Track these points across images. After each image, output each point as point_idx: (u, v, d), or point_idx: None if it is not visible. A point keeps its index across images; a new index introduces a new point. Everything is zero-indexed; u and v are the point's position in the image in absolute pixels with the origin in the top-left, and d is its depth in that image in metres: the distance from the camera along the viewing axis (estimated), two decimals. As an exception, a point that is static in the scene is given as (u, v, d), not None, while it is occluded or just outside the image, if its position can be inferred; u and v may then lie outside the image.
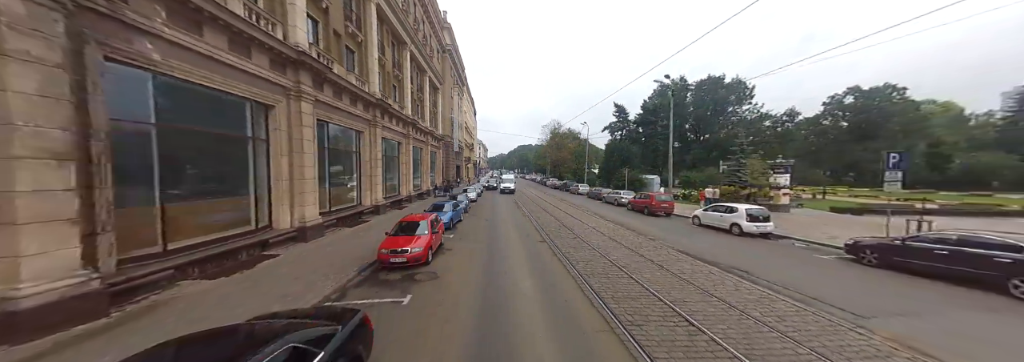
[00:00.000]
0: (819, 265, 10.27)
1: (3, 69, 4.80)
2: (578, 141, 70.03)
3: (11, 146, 4.89)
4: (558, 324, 5.94)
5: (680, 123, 60.03)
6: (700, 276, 8.62)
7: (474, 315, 6.29)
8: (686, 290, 7.57)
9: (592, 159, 63.94)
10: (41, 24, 5.17)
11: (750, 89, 55.47)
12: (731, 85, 56.08)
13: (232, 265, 8.79)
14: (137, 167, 7.15)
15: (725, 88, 55.76)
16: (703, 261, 10.15)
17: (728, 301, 6.87)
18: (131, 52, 6.62)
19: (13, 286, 4.89)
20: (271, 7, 11.46)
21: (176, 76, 7.59)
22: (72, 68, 5.59)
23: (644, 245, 12.29)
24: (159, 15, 7.12)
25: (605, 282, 8.07)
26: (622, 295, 7.21)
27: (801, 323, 5.95)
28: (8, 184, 4.89)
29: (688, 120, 59.81)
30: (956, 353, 5.01)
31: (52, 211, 5.27)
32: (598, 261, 9.96)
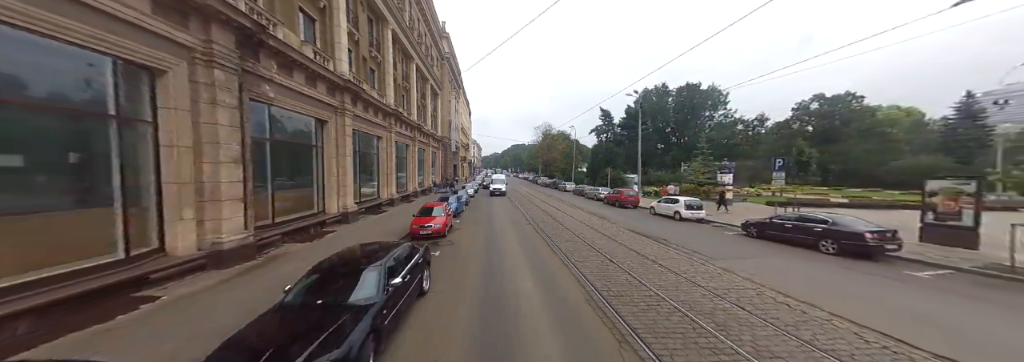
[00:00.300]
0: (718, 237, 14.20)
1: (216, 112, 8.26)
2: (567, 142, 73.74)
3: (219, 155, 8.35)
4: (534, 265, 9.50)
5: (662, 126, 64.15)
6: (634, 243, 12.31)
7: (482, 262, 9.81)
8: (620, 249, 11.23)
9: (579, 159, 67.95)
10: (230, 83, 8.62)
11: (724, 95, 59.64)
12: (707, 92, 60.17)
13: (306, 237, 12.24)
14: (259, 167, 10.63)
15: (701, 95, 59.84)
16: (641, 235, 13.98)
17: (642, 254, 10.55)
18: (260, 93, 10.09)
19: (219, 237, 8.35)
20: (324, 46, 14.90)
21: (280, 106, 11.07)
22: (239, 107, 9.05)
23: (605, 226, 16.02)
24: (272, 67, 10.59)
25: (569, 246, 11.68)
26: (578, 252, 10.81)
27: (678, 262, 9.64)
28: (217, 177, 8.34)
29: (669, 123, 63.87)
30: (755, 275, 8.71)
31: (234, 193, 8.74)
32: (568, 235, 13.63)
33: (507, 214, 20.85)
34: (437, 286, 7.61)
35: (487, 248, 11.50)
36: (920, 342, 5.31)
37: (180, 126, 7.62)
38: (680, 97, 63.55)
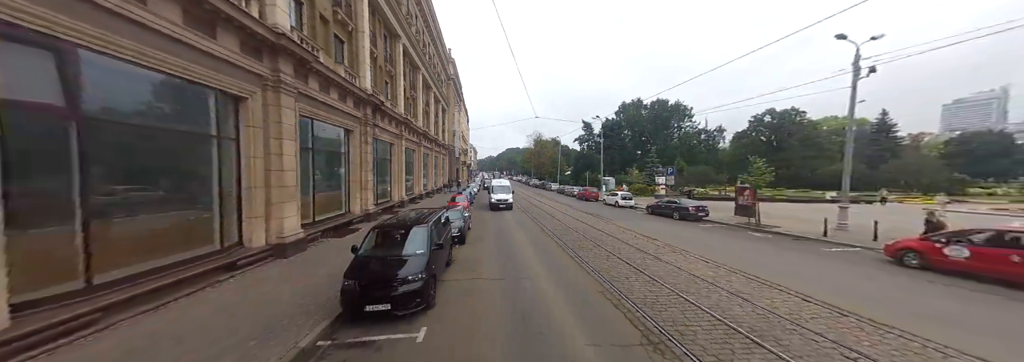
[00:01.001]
0: (632, 215, 21.42)
1: (281, 129, 8.88)
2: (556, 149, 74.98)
3: (282, 164, 8.94)
4: (524, 227, 12.05)
5: (638, 135, 65.89)
6: (581, 217, 19.46)
7: (494, 229, 12.59)
8: (570, 220, 17.17)
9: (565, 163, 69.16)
10: (289, 104, 9.25)
11: (689, 110, 61.70)
12: (674, 107, 62.13)
13: (338, 233, 12.76)
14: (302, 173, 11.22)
15: (669, 109, 61.74)
16: (587, 213, 21.72)
17: (581, 220, 16.11)
18: (308, 110, 10.72)
19: (281, 233, 8.96)
20: (351, 65, 15.43)
21: (320, 120, 11.71)
22: (295, 124, 9.66)
23: (569, 210, 23.75)
24: (316, 87, 11.22)
25: (543, 218, 17.09)
26: (546, 220, 17.39)
27: (598, 222, 16.21)
28: (281, 183, 8.91)
29: (644, 133, 65.58)
30: (632, 227, 13.99)
31: (291, 197, 9.35)
32: (544, 214, 20.53)
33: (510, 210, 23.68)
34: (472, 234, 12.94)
35: (497, 222, 16.68)
36: (687, 246, 11.47)
37: (255, 141, 8.31)
38: (652, 110, 65.37)
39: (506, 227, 15.39)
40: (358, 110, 15.22)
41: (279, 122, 8.75)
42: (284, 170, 8.91)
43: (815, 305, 6.21)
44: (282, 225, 8.82)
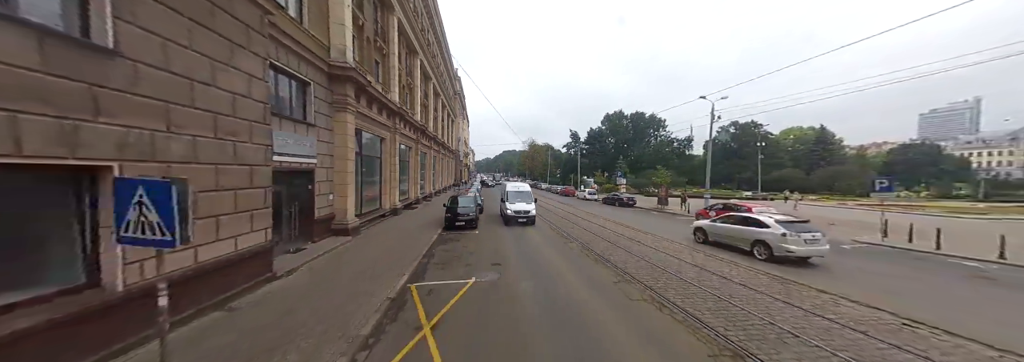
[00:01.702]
0: (592, 204, 27.62)
1: (347, 140, 10.56)
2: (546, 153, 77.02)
3: (346, 167, 10.62)
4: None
5: (620, 142, 68.09)
6: (558, 204, 25.36)
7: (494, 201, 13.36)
8: (549, 205, 20.00)
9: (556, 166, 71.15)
10: (351, 120, 10.94)
11: (663, 121, 64.15)
12: (650, 118, 64.49)
13: (375, 223, 14.49)
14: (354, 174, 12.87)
15: (646, 121, 64.08)
16: (563, 203, 27.22)
17: (557, 207, 16.40)
18: (359, 124, 12.40)
19: (345, 218, 10.64)
20: (384, 81, 17.12)
21: (365, 130, 13.39)
22: (357, 135, 11.34)
23: (551, 201, 30.45)
24: (363, 104, 12.88)
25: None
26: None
27: (569, 208, 18.17)
28: (345, 181, 10.60)
29: (625, 140, 67.80)
30: (589, 211, 17.65)
31: (352, 191, 11.04)
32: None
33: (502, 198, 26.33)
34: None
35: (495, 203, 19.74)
36: (610, 216, 18.81)
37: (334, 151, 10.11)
38: (632, 121, 67.63)
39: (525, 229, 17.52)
40: (389, 120, 16.76)
41: (344, 134, 10.36)
42: (347, 171, 10.53)
43: (643, 233, 12.71)
44: (346, 212, 10.60)
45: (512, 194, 16.19)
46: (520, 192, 16.43)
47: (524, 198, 15.86)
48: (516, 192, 16.41)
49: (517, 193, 16.30)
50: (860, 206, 27.94)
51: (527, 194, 16.35)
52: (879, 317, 5.38)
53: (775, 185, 46.49)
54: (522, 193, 16.36)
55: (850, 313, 5.52)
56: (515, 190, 16.66)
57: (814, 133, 63.57)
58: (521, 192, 16.45)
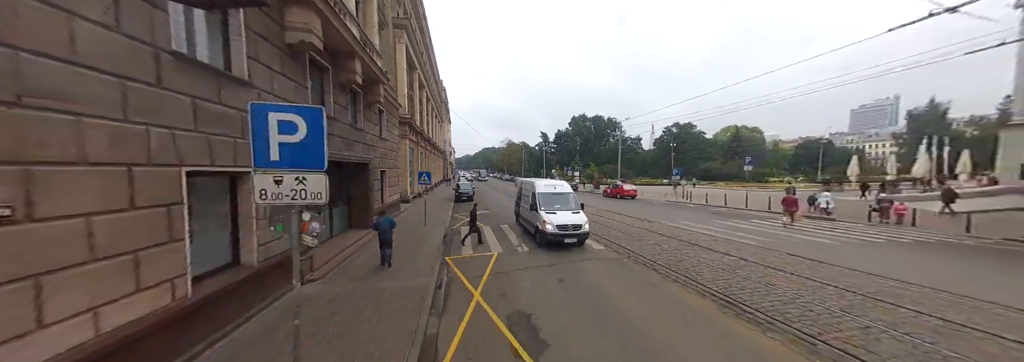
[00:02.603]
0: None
1: (401, 156, 20.00)
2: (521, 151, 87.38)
3: (400, 166, 20.09)
4: (498, 190, 22.39)
5: (583, 140, 79.36)
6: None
7: (492, 194, 22.58)
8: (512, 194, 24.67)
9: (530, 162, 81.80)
10: (405, 145, 20.34)
11: (618, 124, 75.97)
12: (608, 121, 76.20)
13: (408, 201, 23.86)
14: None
15: (605, 123, 75.74)
16: None
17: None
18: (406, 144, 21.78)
19: (408, 194, 20.11)
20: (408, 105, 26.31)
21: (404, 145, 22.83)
22: (406, 151, 20.72)
23: (512, 190, 30.24)
24: (406, 132, 22.29)
25: (509, 191, 24.81)
26: (510, 191, 23.94)
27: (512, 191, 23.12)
28: (401, 176, 20.06)
29: (587, 140, 79.20)
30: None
31: (405, 182, 20.53)
32: (508, 190, 27.03)
33: (485, 188, 34.34)
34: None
35: (489, 193, 24.65)
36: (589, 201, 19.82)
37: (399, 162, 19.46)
38: (594, 123, 79.12)
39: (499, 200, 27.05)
40: (401, 128, 25.97)
41: (405, 150, 19.96)
42: (406, 170, 20.15)
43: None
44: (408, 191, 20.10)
45: (545, 197, 10.25)
46: (558, 195, 10.46)
47: (566, 204, 10.20)
48: (552, 195, 10.41)
49: (553, 196, 10.39)
50: (730, 188, 40.12)
51: (568, 197, 10.49)
52: (624, 219, 15.74)
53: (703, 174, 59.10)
54: (561, 195, 10.46)
55: (615, 216, 15.91)
56: (549, 191, 10.55)
57: (733, 131, 77.51)
58: (560, 194, 10.49)
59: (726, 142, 76.62)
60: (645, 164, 73.30)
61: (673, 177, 30.48)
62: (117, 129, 3.11)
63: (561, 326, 4.68)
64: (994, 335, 4.35)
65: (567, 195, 10.82)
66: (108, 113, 3.04)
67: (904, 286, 6.28)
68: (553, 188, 10.97)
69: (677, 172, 30.34)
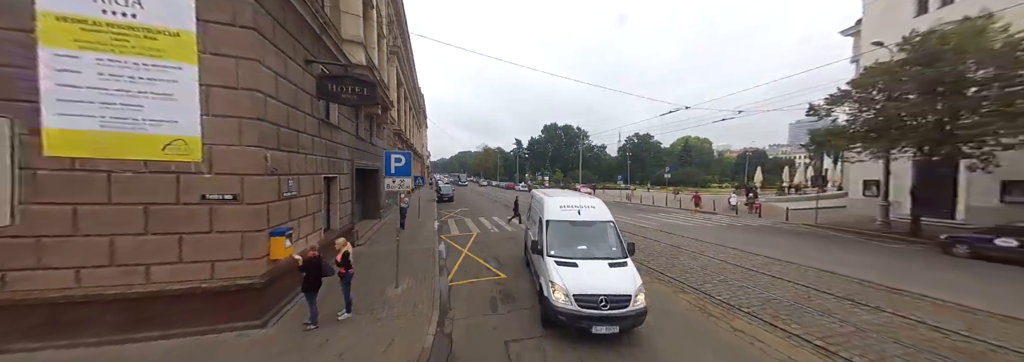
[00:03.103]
0: (520, 192, 34.68)
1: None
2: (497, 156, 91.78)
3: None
4: (478, 194, 26.52)
5: (555, 147, 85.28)
6: (499, 194, 30.49)
7: (470, 196, 26.59)
8: (494, 194, 29.03)
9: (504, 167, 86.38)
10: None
11: (586, 133, 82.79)
12: (578, 130, 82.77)
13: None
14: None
15: (574, 132, 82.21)
16: (503, 192, 35.88)
17: (498, 194, 28.32)
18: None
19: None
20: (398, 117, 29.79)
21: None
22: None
23: (496, 191, 36.61)
24: (396, 142, 25.82)
25: (487, 194, 28.95)
26: (488, 194, 28.14)
27: (499, 194, 27.55)
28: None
29: (558, 147, 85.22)
30: (508, 194, 27.10)
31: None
32: (488, 193, 31.26)
33: (465, 191, 38.17)
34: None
35: (468, 194, 28.35)
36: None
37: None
38: (564, 131, 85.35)
39: (476, 201, 31.02)
40: (393, 138, 29.52)
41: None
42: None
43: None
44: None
45: (559, 229, 5.89)
46: (584, 225, 6.01)
47: (600, 243, 5.75)
48: (572, 225, 5.98)
49: (575, 228, 5.97)
50: (668, 191, 46.86)
51: (605, 230, 5.98)
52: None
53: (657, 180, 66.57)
54: (590, 227, 6.00)
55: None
56: (568, 218, 6.07)
57: (682, 142, 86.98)
58: (587, 225, 6.02)
59: (679, 152, 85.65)
60: (610, 169, 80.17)
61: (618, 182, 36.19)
62: (306, 157, 7.00)
63: (517, 261, 9.08)
64: (762, 272, 9.09)
65: (603, 227, 5.78)
66: (312, 151, 6.95)
67: (724, 248, 11.12)
68: (575, 211, 5.95)
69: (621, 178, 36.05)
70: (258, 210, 5.10)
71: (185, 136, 4.68)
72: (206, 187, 4.81)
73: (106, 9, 4.37)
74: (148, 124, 4.55)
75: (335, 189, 9.05)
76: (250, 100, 4.95)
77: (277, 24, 5.58)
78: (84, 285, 4.48)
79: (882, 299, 6.36)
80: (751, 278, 7.72)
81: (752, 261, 9.23)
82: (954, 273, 8.20)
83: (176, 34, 4.59)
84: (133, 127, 4.52)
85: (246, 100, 4.93)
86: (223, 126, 4.83)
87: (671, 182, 65.21)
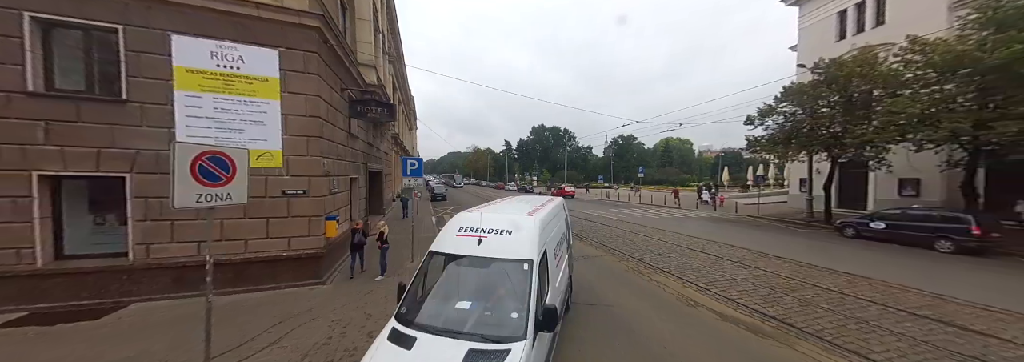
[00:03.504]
0: (510, 192, 37.43)
1: (394, 165, 25.49)
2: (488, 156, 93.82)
3: (392, 175, 25.57)
4: (471, 194, 28.71)
5: (543, 148, 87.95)
6: (490, 193, 32.61)
7: (463, 196, 28.65)
8: (485, 194, 31.24)
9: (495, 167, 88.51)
10: (395, 157, 25.87)
11: (572, 134, 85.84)
12: (565, 131, 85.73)
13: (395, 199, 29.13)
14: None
15: (561, 133, 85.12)
16: (493, 191, 38.40)
17: (488, 194, 30.56)
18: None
19: (393, 193, 25.53)
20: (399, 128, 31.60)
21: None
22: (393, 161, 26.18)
23: (488, 191, 37.54)
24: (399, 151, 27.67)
25: (479, 193, 31.11)
26: (481, 193, 30.35)
27: (491, 193, 29.82)
28: (393, 178, 25.51)
29: (546, 148, 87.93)
30: (498, 193, 29.55)
31: (394, 182, 25.97)
32: (479, 192, 33.23)
33: (458, 192, 40.10)
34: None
35: (465, 194, 30.45)
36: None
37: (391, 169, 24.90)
38: (552, 132, 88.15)
39: (468, 200, 33.01)
40: (390, 142, 31.35)
41: (395, 162, 25.39)
42: (395, 175, 25.56)
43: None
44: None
45: (453, 271, 3.30)
46: (490, 264, 3.12)
47: (499, 308, 2.93)
48: (476, 263, 3.18)
49: (477, 270, 3.23)
50: (649, 190, 50.05)
51: (511, 271, 3.02)
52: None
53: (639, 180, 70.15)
54: (496, 269, 3.10)
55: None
56: (468, 252, 3.18)
57: (663, 143, 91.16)
58: (494, 264, 3.10)
59: (661, 152, 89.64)
60: (596, 170, 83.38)
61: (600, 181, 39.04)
62: (339, 162, 9.07)
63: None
64: (690, 248, 11.55)
65: (507, 269, 3.12)
66: (343, 157, 9.02)
67: (668, 232, 13.65)
68: (475, 239, 3.27)
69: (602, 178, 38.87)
70: (318, 201, 7.19)
71: (271, 150, 6.73)
72: (285, 185, 6.87)
73: (219, 64, 6.39)
74: (247, 141, 6.58)
75: (355, 187, 11.08)
76: (313, 124, 7.04)
77: (328, 67, 7.66)
78: (202, 253, 6.47)
79: (763, 262, 8.88)
80: (679, 251, 10.20)
81: (686, 241, 11.76)
82: (828, 244, 10.91)
83: (266, 80, 6.64)
84: (236, 144, 6.53)
85: (311, 124, 7.01)
86: (296, 142, 6.90)
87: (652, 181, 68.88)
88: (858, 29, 18.05)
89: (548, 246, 3.55)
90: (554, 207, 4.94)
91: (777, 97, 15.07)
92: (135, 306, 5.99)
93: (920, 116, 10.05)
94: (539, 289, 2.85)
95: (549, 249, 3.58)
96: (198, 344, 3.88)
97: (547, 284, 3.24)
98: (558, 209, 5.19)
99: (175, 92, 6.20)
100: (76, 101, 5.88)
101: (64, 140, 5.80)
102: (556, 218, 4.60)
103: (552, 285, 3.43)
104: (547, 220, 3.96)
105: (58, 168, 5.81)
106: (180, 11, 6.11)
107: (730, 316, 5.64)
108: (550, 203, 5.12)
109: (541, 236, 3.32)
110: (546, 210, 4.35)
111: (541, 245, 3.24)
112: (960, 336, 4.96)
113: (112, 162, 6.01)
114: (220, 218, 6.51)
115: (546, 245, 3.45)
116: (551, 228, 4.08)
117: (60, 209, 6.10)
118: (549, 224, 4.02)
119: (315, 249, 7.03)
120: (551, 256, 3.64)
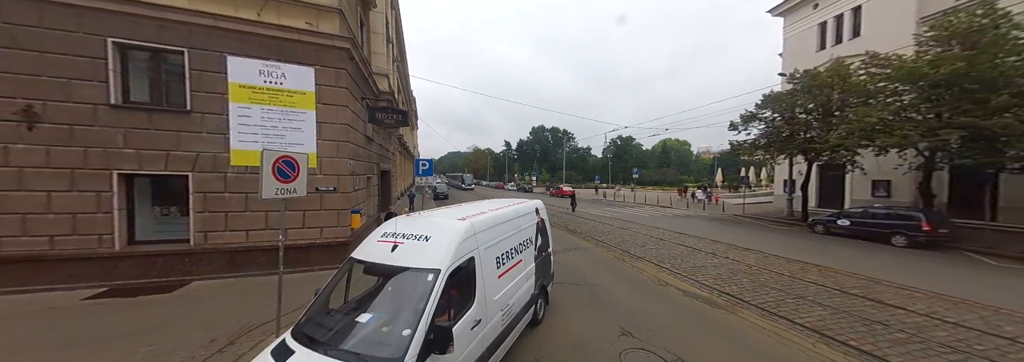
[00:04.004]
0: (512, 193, 38.16)
1: (403, 166, 26.72)
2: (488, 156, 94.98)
3: (399, 174, 26.78)
4: (474, 194, 29.93)
5: (543, 149, 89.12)
6: (491, 192, 33.91)
7: (465, 196, 29.81)
8: (487, 193, 32.34)
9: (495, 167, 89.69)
10: (404, 160, 27.07)
11: (571, 135, 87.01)
12: (564, 132, 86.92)
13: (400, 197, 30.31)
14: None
15: (559, 134, 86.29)
16: (493, 191, 39.68)
17: (490, 193, 31.78)
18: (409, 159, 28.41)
19: (400, 189, 26.75)
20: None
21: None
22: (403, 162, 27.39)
23: (489, 191, 39.19)
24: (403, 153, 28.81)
25: (481, 192, 32.44)
26: (482, 192, 31.59)
27: (491, 193, 31.00)
28: (402, 177, 26.72)
29: (545, 148, 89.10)
30: (506, 194, 30.84)
31: (399, 180, 27.19)
32: (474, 195, 34.46)
33: (460, 192, 41.26)
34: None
35: (458, 194, 31.56)
36: (513, 196, 28.59)
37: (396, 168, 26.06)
38: (552, 133, 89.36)
39: (470, 200, 34.13)
40: (401, 149, 32.51)
41: (402, 163, 26.55)
42: (401, 173, 26.74)
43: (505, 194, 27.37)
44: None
45: (363, 281, 3.34)
46: (395, 274, 2.85)
47: (393, 325, 2.56)
48: (381, 272, 3.00)
49: (381, 282, 3.13)
50: (645, 190, 51.28)
51: (415, 282, 2.68)
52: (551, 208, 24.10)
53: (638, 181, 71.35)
54: (401, 280, 2.82)
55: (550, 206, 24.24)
56: (379, 260, 2.93)
57: (661, 144, 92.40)
58: (401, 274, 2.81)
59: (659, 153, 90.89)
60: (594, 170, 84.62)
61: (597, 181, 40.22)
62: (360, 163, 10.24)
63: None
64: (671, 241, 12.74)
65: (412, 279, 2.74)
66: (363, 159, 10.19)
67: (656, 229, 14.83)
68: (390, 245, 2.98)
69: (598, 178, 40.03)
70: (346, 197, 8.35)
71: (308, 152, 7.87)
72: (319, 183, 8.02)
73: (266, 80, 7.54)
74: (288, 145, 7.73)
75: (371, 185, 12.23)
76: (343, 130, 8.20)
77: (353, 80, 8.82)
78: (250, 240, 7.63)
79: (734, 253, 10.05)
80: (662, 244, 11.38)
81: (670, 236, 12.95)
82: (797, 240, 12.09)
83: (304, 93, 7.80)
84: (279, 148, 7.69)
85: (341, 130, 8.17)
86: (328, 146, 8.05)
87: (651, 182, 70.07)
88: (837, 40, 19.22)
89: (481, 254, 3.12)
90: (512, 210, 4.36)
91: (758, 104, 16.24)
92: (196, 283, 7.14)
93: (878, 124, 11.21)
94: (441, 304, 2.46)
95: (483, 257, 3.15)
96: (257, 311, 5.10)
97: (471, 299, 2.86)
98: (522, 212, 4.60)
99: (230, 104, 7.34)
100: (149, 111, 7.02)
101: (139, 144, 6.94)
102: (510, 223, 4.03)
103: (486, 300, 3.01)
104: (489, 224, 3.48)
105: (134, 167, 6.96)
106: (235, 36, 7.27)
107: (693, 293, 6.81)
108: (511, 206, 4.57)
109: (464, 243, 2.91)
110: (495, 213, 3.85)
111: (460, 253, 2.82)
112: (875, 308, 6.13)
113: (178, 163, 7.16)
114: (265, 210, 7.66)
115: (476, 253, 3.05)
116: (495, 234, 3.56)
117: (133, 202, 7.25)
118: (492, 229, 3.52)
119: (343, 238, 8.19)
120: (486, 265, 3.18)
